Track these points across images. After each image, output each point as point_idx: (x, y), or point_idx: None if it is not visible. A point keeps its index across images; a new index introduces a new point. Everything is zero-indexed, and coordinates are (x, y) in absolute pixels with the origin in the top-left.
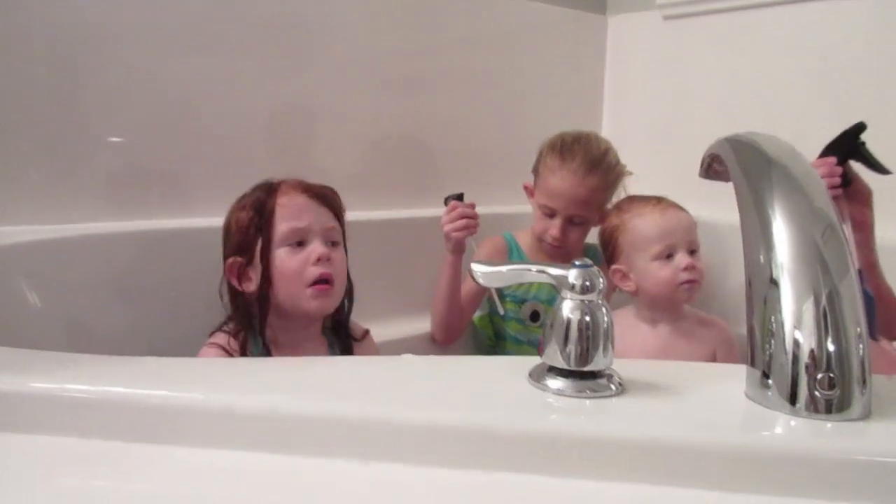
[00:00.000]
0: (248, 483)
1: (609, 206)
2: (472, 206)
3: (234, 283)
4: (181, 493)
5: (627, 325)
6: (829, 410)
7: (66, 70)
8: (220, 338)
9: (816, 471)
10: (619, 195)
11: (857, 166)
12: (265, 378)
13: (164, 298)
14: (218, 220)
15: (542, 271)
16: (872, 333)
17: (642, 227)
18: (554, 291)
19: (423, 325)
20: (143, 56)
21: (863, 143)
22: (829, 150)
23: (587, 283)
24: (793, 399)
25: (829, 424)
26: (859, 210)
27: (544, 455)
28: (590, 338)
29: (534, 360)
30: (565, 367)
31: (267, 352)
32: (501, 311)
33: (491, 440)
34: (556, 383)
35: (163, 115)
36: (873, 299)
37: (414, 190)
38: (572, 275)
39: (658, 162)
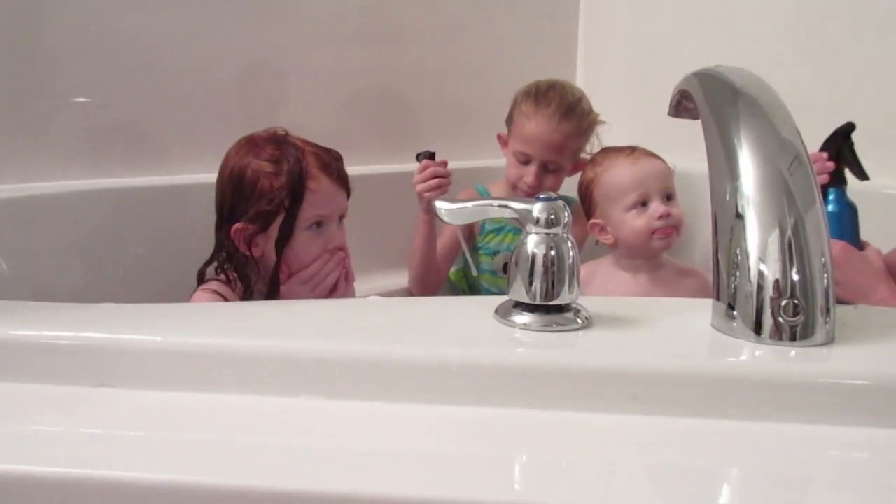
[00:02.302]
0: (210, 424)
1: (583, 154)
2: (445, 164)
3: (242, 247)
4: (141, 436)
5: (607, 275)
6: (793, 338)
7: (25, 26)
8: (217, 286)
9: (782, 394)
10: (593, 144)
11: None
12: (225, 320)
13: (133, 257)
14: (187, 178)
15: (505, 206)
16: (857, 243)
17: (615, 178)
18: None
19: (401, 280)
20: (106, 9)
21: (851, 144)
22: (825, 148)
23: (552, 217)
24: (757, 328)
25: (793, 351)
26: None
27: (512, 388)
28: (555, 272)
29: (502, 300)
30: (531, 302)
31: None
32: (475, 272)
33: (458, 374)
34: (522, 318)
35: (128, 71)
36: (856, 210)
37: (388, 145)
38: (537, 208)
39: (635, 110)
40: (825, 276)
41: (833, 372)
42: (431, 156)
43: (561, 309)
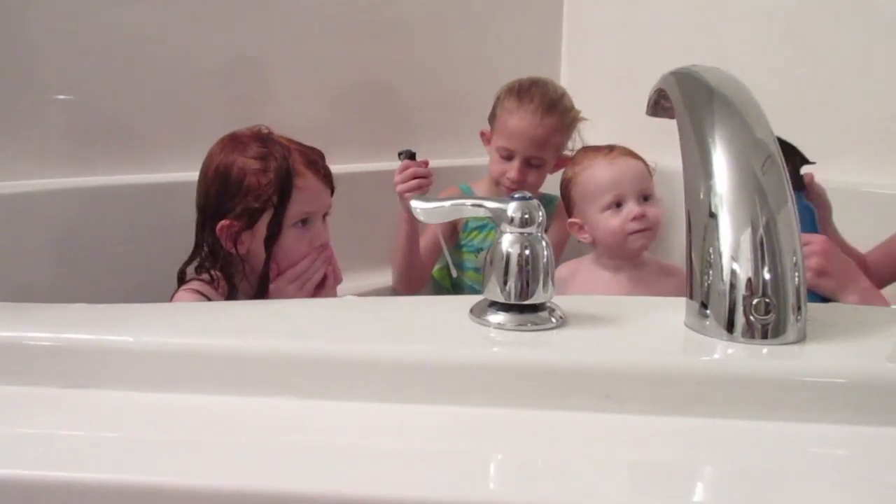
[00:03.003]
0: (185, 425)
1: (566, 151)
2: (425, 163)
3: (228, 245)
4: (115, 437)
5: (588, 274)
6: (765, 336)
7: (4, 22)
8: (199, 285)
9: (754, 392)
10: (575, 141)
11: None
12: (199, 320)
13: (115, 256)
14: (171, 175)
15: (479, 205)
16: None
17: (591, 178)
18: None
19: (385, 278)
20: (87, 4)
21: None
22: (787, 152)
23: (526, 216)
24: (730, 327)
25: (765, 349)
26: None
27: (487, 387)
28: (530, 271)
29: (476, 299)
30: (506, 301)
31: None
32: (454, 273)
33: (432, 374)
34: (497, 318)
35: (111, 67)
36: (814, 212)
37: (373, 142)
38: (511, 208)
39: (619, 107)
40: (796, 274)
41: (805, 369)
42: (412, 156)
43: (535, 308)
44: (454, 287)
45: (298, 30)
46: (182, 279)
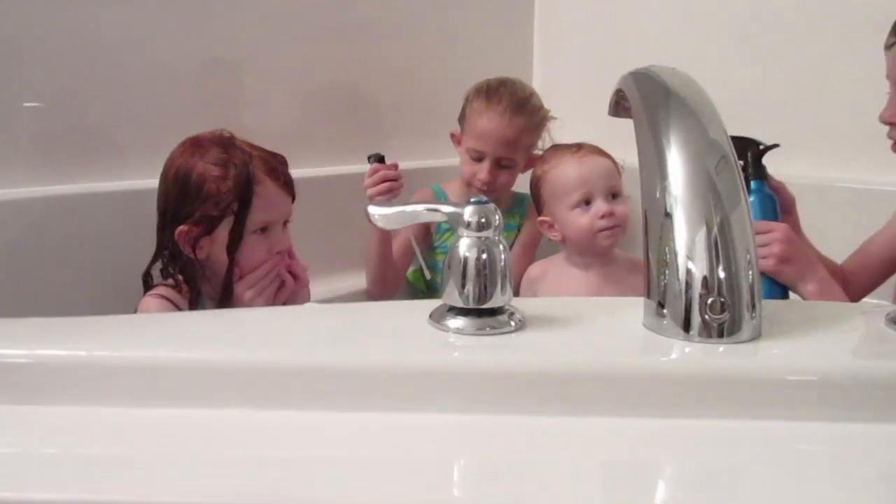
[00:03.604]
0: (135, 439)
1: (536, 150)
2: (395, 166)
3: (187, 249)
4: (62, 454)
5: (559, 273)
6: (720, 335)
7: None
8: (165, 290)
9: (710, 391)
10: (545, 140)
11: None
12: (152, 332)
13: (83, 264)
14: (144, 182)
15: (435, 210)
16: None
17: (560, 176)
18: None
19: (360, 281)
20: (55, 9)
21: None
22: (748, 143)
23: (483, 220)
24: (687, 326)
25: (721, 347)
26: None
27: (446, 393)
28: (487, 275)
29: (437, 303)
30: (464, 305)
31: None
32: (428, 276)
33: (392, 381)
34: (456, 322)
35: (79, 73)
36: (775, 200)
37: (346, 144)
38: (468, 212)
39: (591, 106)
40: (750, 272)
41: (760, 367)
42: (381, 159)
43: (494, 312)
44: (429, 288)
45: (271, 32)
46: (147, 283)
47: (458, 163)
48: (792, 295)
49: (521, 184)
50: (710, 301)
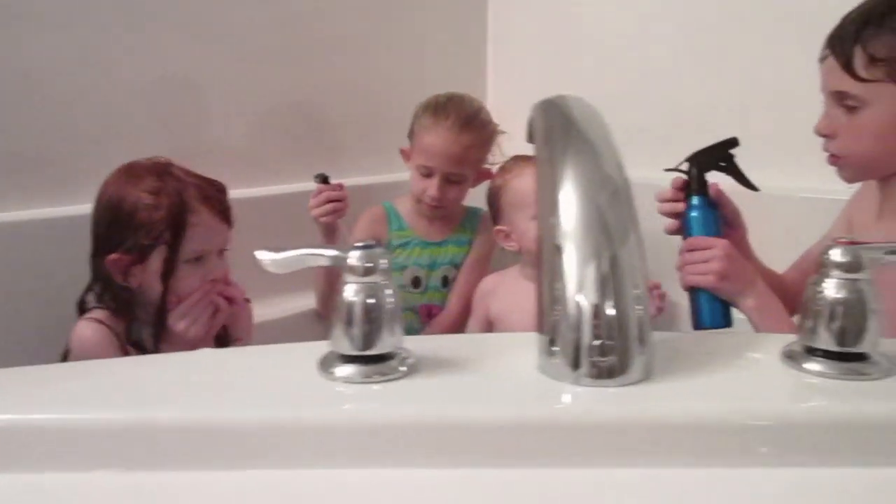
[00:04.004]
0: None
1: (486, 165)
2: (340, 186)
3: (118, 278)
4: None
5: (512, 285)
6: (610, 375)
7: None
8: (100, 314)
9: (598, 438)
10: (495, 155)
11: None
12: (27, 391)
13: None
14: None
15: (320, 255)
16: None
17: (521, 187)
18: (434, 255)
19: (310, 300)
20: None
21: (732, 156)
22: (693, 158)
23: (369, 265)
24: (576, 365)
25: (610, 389)
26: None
27: (330, 446)
28: (373, 320)
29: (324, 347)
30: (351, 352)
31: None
32: None
33: (277, 435)
34: (344, 370)
35: (25, 97)
36: (717, 215)
37: (301, 162)
38: (353, 256)
39: None
40: (639, 307)
41: (649, 413)
42: (325, 179)
43: (383, 357)
44: None
45: (223, 52)
46: (82, 310)
47: (408, 178)
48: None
49: (473, 198)
50: (595, 344)
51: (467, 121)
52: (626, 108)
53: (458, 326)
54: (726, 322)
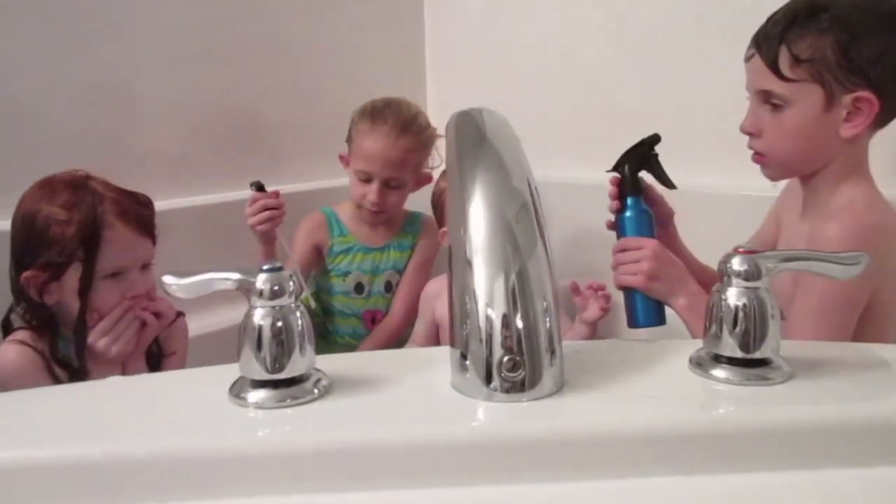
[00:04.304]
0: None
1: (426, 169)
2: (276, 194)
3: (34, 295)
4: None
5: None
6: (522, 389)
7: None
8: (24, 335)
9: (512, 455)
10: (434, 159)
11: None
12: None
13: None
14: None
15: (227, 278)
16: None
17: None
18: (377, 261)
19: None
20: None
21: (656, 155)
22: (624, 158)
23: (276, 288)
24: (488, 380)
25: (523, 404)
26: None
27: (240, 474)
28: (283, 343)
29: (235, 370)
30: (263, 377)
31: (78, 353)
32: (313, 305)
33: (191, 466)
34: (256, 395)
35: None
36: (651, 215)
37: (234, 170)
38: (260, 280)
39: None
40: (548, 319)
41: (558, 426)
42: (261, 187)
43: (296, 380)
44: (324, 311)
45: (155, 56)
46: (7, 328)
47: (348, 183)
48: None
49: (416, 203)
50: (505, 360)
51: (405, 125)
52: (565, 110)
53: (402, 331)
54: (660, 320)
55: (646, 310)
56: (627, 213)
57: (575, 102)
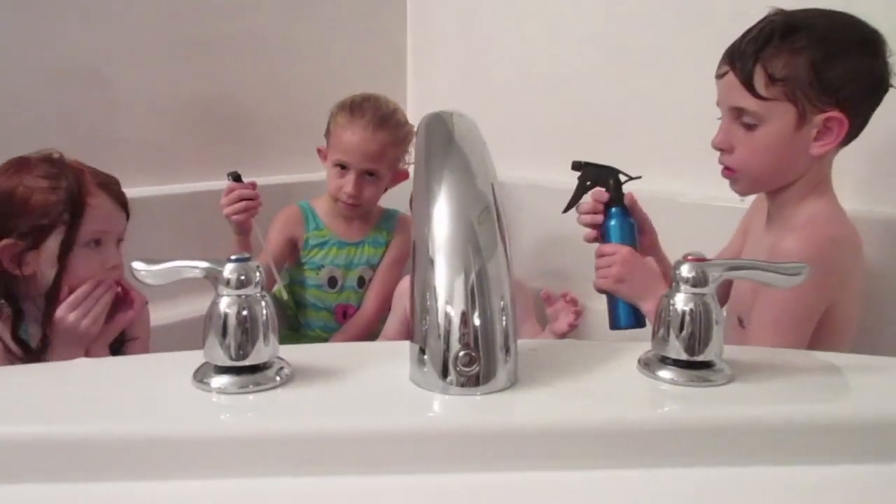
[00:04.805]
0: None
1: (402, 165)
2: (252, 185)
3: (10, 266)
4: None
5: None
6: (476, 383)
7: None
8: None
9: (466, 445)
10: (411, 155)
11: None
12: None
13: None
14: None
15: (195, 266)
16: (636, 251)
17: None
18: (351, 256)
19: None
20: None
21: (620, 184)
22: (604, 172)
23: (242, 277)
24: (444, 374)
25: (477, 397)
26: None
27: (207, 457)
28: (248, 331)
29: (199, 356)
30: (226, 363)
31: (42, 332)
32: (285, 296)
33: (154, 448)
34: (219, 381)
35: None
36: (633, 225)
37: (213, 160)
38: (227, 269)
39: None
40: (504, 318)
41: (511, 419)
42: (237, 177)
43: (258, 367)
44: (296, 304)
45: (136, 43)
46: None
47: (326, 178)
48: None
49: (393, 202)
50: (461, 354)
51: (383, 119)
52: (542, 113)
53: (374, 326)
54: (639, 323)
55: (625, 313)
56: (612, 222)
57: (551, 106)
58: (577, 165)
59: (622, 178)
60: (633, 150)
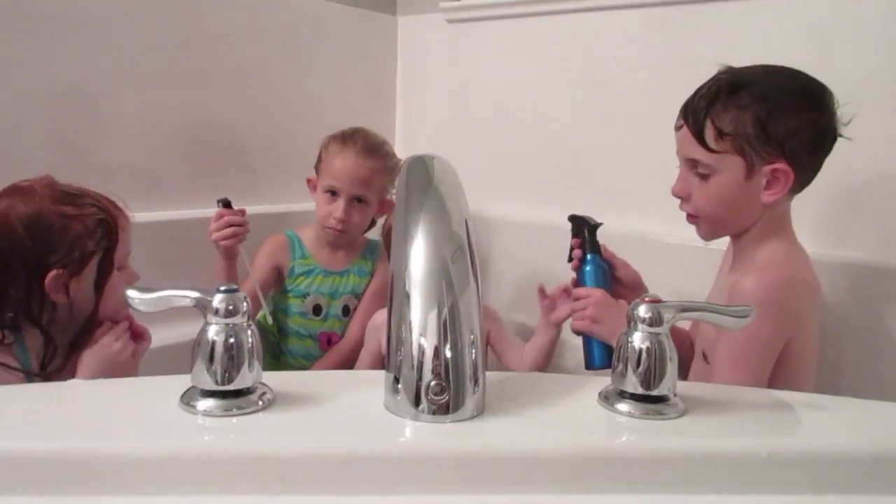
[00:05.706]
0: None
1: (390, 196)
2: (242, 212)
3: (59, 297)
4: None
5: None
6: (446, 411)
7: None
8: None
9: (434, 469)
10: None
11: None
12: None
13: None
14: None
15: (185, 296)
16: (610, 293)
17: None
18: (336, 284)
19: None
20: None
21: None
22: (580, 222)
23: (230, 307)
24: (417, 402)
25: (447, 424)
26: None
27: (195, 476)
28: (234, 357)
29: (187, 380)
30: (212, 387)
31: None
32: (270, 321)
33: (141, 466)
34: (205, 404)
35: None
36: (607, 270)
37: (202, 188)
38: (216, 299)
39: (452, 159)
40: (474, 350)
41: (478, 446)
42: (227, 204)
43: (242, 392)
44: (280, 331)
45: (129, 70)
46: None
47: (314, 208)
48: None
49: (370, 232)
50: (432, 384)
51: (373, 148)
52: (522, 153)
53: (357, 354)
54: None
55: (600, 353)
56: (587, 268)
57: (532, 147)
58: (569, 218)
59: (590, 224)
60: (615, 192)
